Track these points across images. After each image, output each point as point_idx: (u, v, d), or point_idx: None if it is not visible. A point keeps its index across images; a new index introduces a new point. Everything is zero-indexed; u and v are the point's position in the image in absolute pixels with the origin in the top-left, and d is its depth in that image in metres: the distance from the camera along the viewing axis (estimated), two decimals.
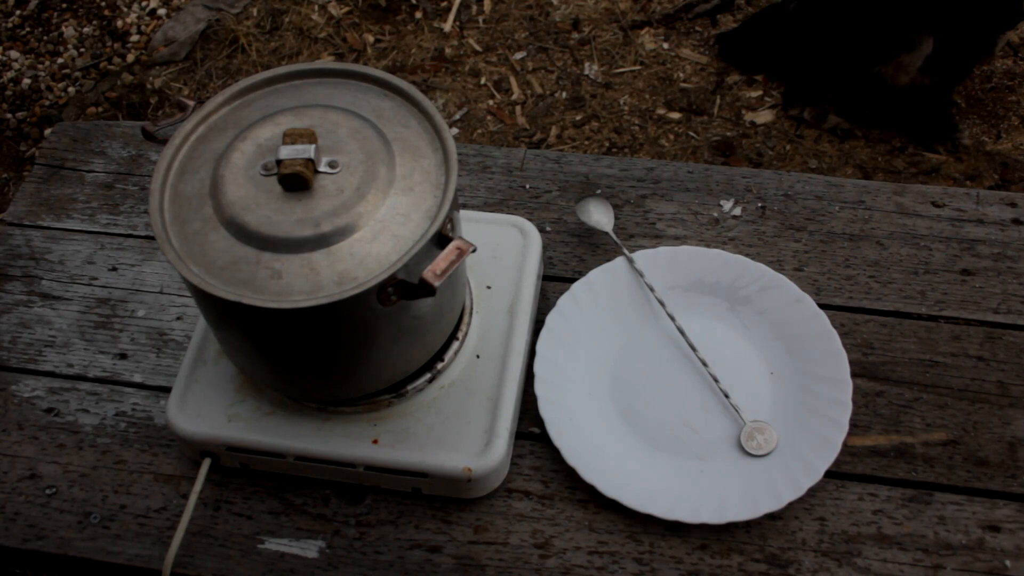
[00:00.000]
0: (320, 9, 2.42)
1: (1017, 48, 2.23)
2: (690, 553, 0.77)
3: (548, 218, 0.98)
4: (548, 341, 0.86)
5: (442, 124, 0.71)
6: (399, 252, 0.65)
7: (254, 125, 0.70)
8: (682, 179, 1.01)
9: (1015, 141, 2.06)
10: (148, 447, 0.85)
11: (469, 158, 1.04)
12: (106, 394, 0.89)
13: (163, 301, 0.95)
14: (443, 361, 0.80)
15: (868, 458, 0.81)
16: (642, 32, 2.32)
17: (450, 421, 0.78)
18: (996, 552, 0.76)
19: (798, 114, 2.12)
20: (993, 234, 0.95)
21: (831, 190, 0.99)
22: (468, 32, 2.35)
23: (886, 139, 2.07)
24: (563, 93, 2.20)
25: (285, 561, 0.78)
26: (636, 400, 0.85)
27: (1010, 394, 0.84)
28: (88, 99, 2.30)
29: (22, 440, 0.87)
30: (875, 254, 0.94)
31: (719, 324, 0.88)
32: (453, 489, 0.78)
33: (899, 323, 0.89)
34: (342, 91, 0.73)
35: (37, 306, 0.96)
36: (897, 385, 0.85)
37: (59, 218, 1.03)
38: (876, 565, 0.75)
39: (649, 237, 0.96)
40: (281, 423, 0.79)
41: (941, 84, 2.01)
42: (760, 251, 0.94)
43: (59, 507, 0.82)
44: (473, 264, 0.87)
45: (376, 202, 0.66)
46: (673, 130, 2.12)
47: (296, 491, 0.82)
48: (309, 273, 0.64)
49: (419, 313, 0.72)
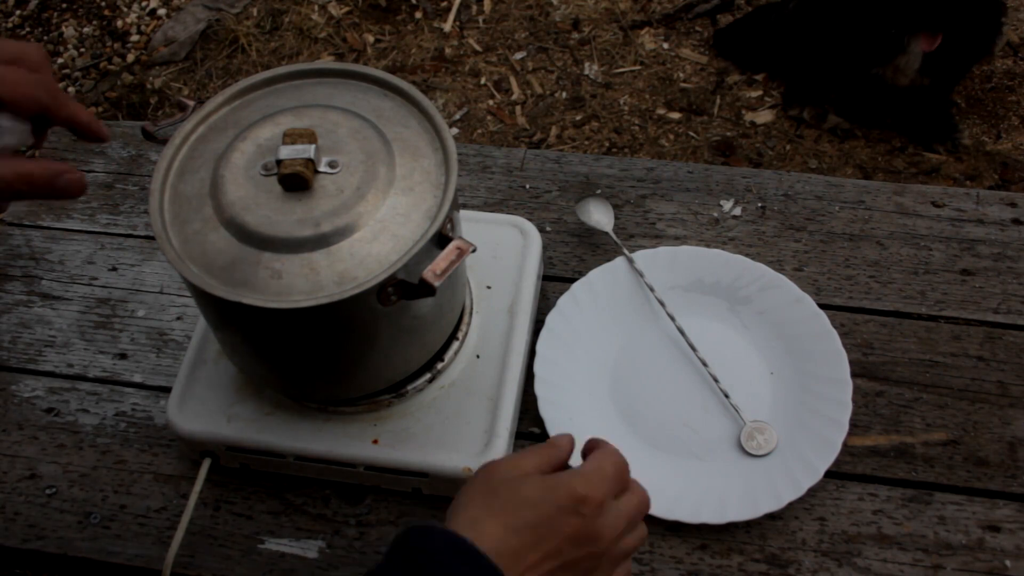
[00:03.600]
0: (320, 9, 2.42)
1: (1017, 48, 2.23)
2: (690, 553, 0.77)
3: (548, 218, 0.98)
4: (548, 341, 0.86)
5: (442, 124, 0.70)
6: (399, 252, 0.64)
7: (254, 125, 0.70)
8: (682, 179, 1.01)
9: (1015, 141, 2.06)
10: (148, 447, 0.85)
11: (469, 158, 1.04)
12: (106, 394, 0.89)
13: (163, 301, 0.95)
14: (443, 361, 0.80)
15: (868, 458, 0.81)
16: (642, 32, 2.32)
17: (450, 421, 0.78)
18: (996, 552, 0.76)
19: (798, 114, 2.12)
20: (993, 234, 0.95)
21: (831, 190, 0.99)
22: (468, 32, 2.35)
23: (886, 139, 2.07)
24: (563, 93, 2.20)
25: (285, 561, 0.78)
26: (636, 400, 0.85)
27: (1010, 394, 0.84)
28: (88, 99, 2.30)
29: (22, 440, 0.87)
30: (875, 254, 0.94)
31: (719, 324, 0.88)
32: (453, 489, 0.78)
33: (899, 323, 0.89)
34: (342, 91, 0.73)
35: (37, 306, 0.96)
36: (897, 385, 0.85)
37: (59, 218, 1.03)
38: (876, 565, 0.75)
39: (649, 237, 0.96)
40: (281, 423, 0.79)
41: (941, 84, 2.01)
42: (760, 251, 0.94)
43: (59, 507, 0.82)
44: (473, 264, 0.87)
45: (376, 202, 0.66)
46: (673, 130, 2.12)
47: (296, 491, 0.82)
48: (309, 273, 0.64)
49: (419, 313, 0.72)
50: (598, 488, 0.56)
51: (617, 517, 0.57)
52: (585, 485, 0.56)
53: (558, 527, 0.55)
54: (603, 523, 0.56)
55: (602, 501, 0.56)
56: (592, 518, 0.56)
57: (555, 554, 0.55)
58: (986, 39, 1.91)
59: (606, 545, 0.56)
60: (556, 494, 0.56)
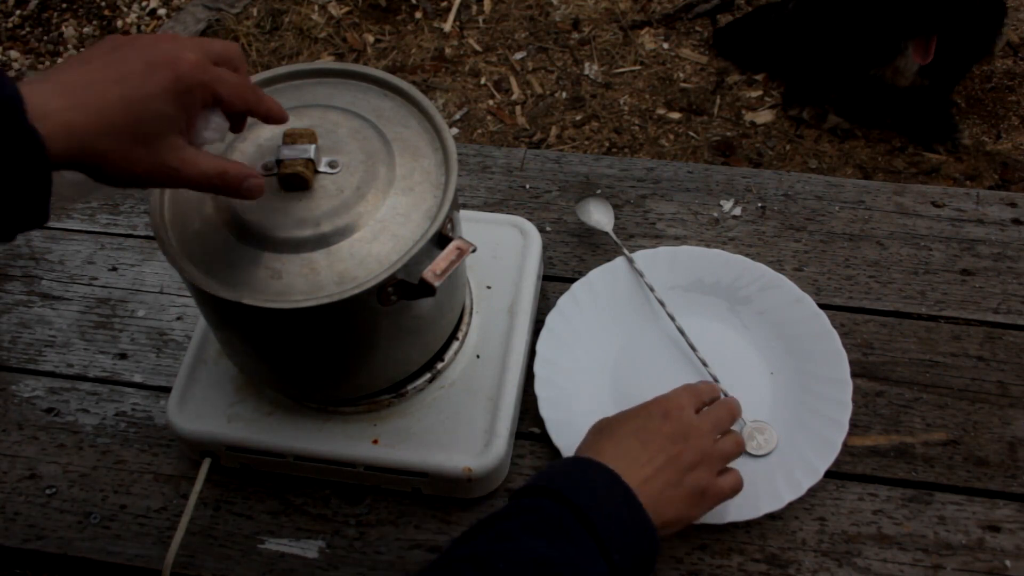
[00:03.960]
0: (320, 9, 2.42)
1: (1017, 48, 2.23)
2: (690, 553, 0.77)
3: (548, 218, 0.98)
4: (548, 341, 0.86)
5: (442, 124, 0.70)
6: (399, 252, 0.64)
7: (254, 125, 0.70)
8: (682, 179, 1.01)
9: (1015, 141, 2.06)
10: (148, 447, 0.85)
11: (469, 158, 1.04)
12: (106, 394, 0.89)
13: (163, 301, 0.95)
14: (443, 361, 0.80)
15: (868, 458, 0.81)
16: (642, 32, 2.32)
17: (450, 421, 0.78)
18: (996, 552, 0.75)
19: (798, 114, 2.12)
20: (993, 234, 0.95)
21: (831, 190, 0.99)
22: (468, 32, 2.35)
23: (886, 139, 2.07)
24: (563, 93, 2.20)
25: (285, 561, 0.78)
26: (636, 400, 0.84)
27: (1010, 394, 0.84)
28: None
29: (22, 440, 0.86)
30: (875, 254, 0.94)
31: (719, 324, 0.88)
32: (453, 489, 0.78)
33: (899, 323, 0.89)
34: (342, 91, 0.73)
35: (37, 306, 0.96)
36: (897, 385, 0.85)
37: (59, 218, 1.03)
38: (876, 565, 0.75)
39: (649, 237, 0.96)
40: (281, 423, 0.79)
41: (941, 84, 2.01)
42: (760, 251, 0.94)
43: (59, 507, 0.82)
44: (473, 264, 0.87)
45: (376, 202, 0.66)
46: (673, 130, 2.12)
47: (296, 491, 0.82)
48: (309, 273, 0.64)
49: (419, 313, 0.72)
50: (680, 397, 0.71)
51: (703, 418, 0.70)
52: (668, 398, 0.71)
53: (655, 430, 0.68)
54: (691, 422, 0.69)
55: (685, 407, 0.70)
56: (680, 419, 0.69)
57: (659, 451, 0.67)
58: (986, 39, 1.91)
59: (700, 443, 0.68)
60: (647, 409, 0.70)
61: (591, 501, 0.61)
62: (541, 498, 0.62)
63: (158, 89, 0.53)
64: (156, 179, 0.56)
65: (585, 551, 0.58)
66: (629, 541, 0.61)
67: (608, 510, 0.61)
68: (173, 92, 0.54)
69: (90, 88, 0.52)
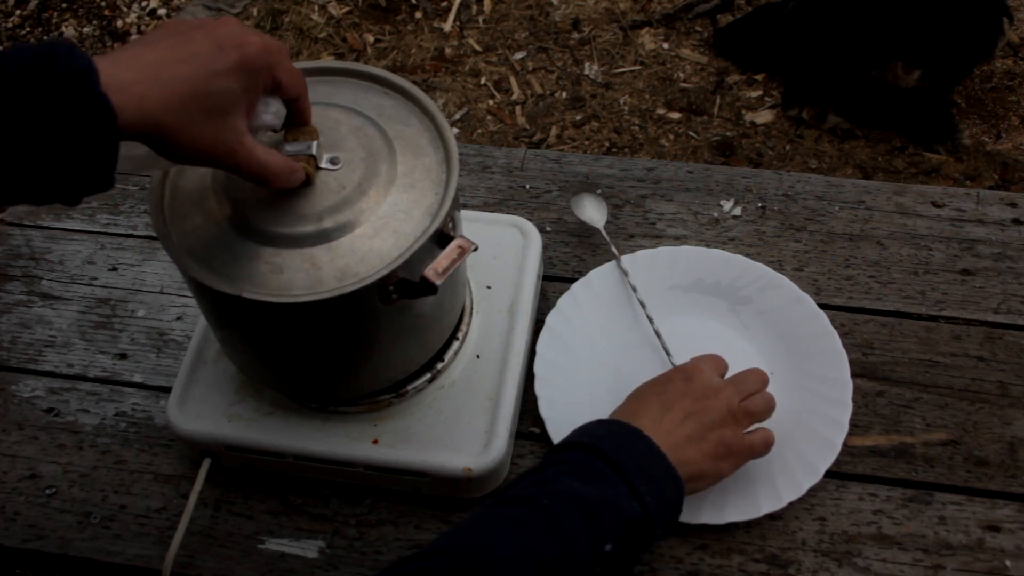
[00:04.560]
0: (320, 9, 2.42)
1: (1017, 48, 2.23)
2: (690, 553, 0.77)
3: (548, 218, 0.98)
4: (548, 341, 0.86)
5: (443, 122, 0.71)
6: (400, 248, 0.64)
7: None
8: (682, 179, 1.01)
9: (1015, 141, 2.06)
10: (148, 447, 0.85)
11: (469, 158, 1.04)
12: (106, 394, 0.89)
13: (163, 301, 0.95)
14: (443, 361, 0.80)
15: (868, 458, 0.81)
16: (642, 32, 2.32)
17: (450, 421, 0.78)
18: (996, 552, 0.75)
19: (798, 114, 2.12)
20: (993, 234, 0.95)
21: (831, 190, 0.99)
22: (468, 32, 2.35)
23: (886, 139, 2.07)
24: (563, 93, 2.20)
25: (285, 561, 0.78)
26: None
27: (1010, 394, 0.84)
28: None
29: (22, 440, 0.86)
30: (875, 254, 0.94)
31: (719, 324, 0.88)
32: (453, 489, 0.78)
33: (899, 323, 0.89)
34: (343, 89, 0.73)
35: (37, 306, 0.96)
36: (897, 385, 0.85)
37: (59, 218, 1.02)
38: (876, 565, 0.75)
39: (649, 237, 0.96)
40: (281, 423, 0.79)
41: (941, 85, 2.01)
42: (760, 251, 0.94)
43: (59, 507, 0.82)
44: (473, 264, 0.87)
45: (377, 199, 0.66)
46: (673, 130, 2.12)
47: (296, 491, 0.82)
48: (310, 268, 0.64)
49: (420, 312, 0.72)
50: (700, 363, 0.74)
51: (726, 380, 0.74)
52: (690, 364, 0.74)
53: (677, 391, 0.71)
54: (712, 381, 0.72)
55: (706, 371, 0.73)
56: (701, 380, 0.72)
57: (680, 410, 0.70)
58: (986, 39, 1.91)
59: (722, 401, 0.71)
60: (668, 375, 0.74)
61: (617, 450, 0.65)
62: (571, 451, 0.66)
63: (226, 68, 0.55)
64: (214, 157, 0.57)
65: (619, 492, 0.62)
66: (657, 487, 0.64)
67: (635, 458, 0.65)
68: (240, 72, 0.56)
69: (160, 65, 0.53)
